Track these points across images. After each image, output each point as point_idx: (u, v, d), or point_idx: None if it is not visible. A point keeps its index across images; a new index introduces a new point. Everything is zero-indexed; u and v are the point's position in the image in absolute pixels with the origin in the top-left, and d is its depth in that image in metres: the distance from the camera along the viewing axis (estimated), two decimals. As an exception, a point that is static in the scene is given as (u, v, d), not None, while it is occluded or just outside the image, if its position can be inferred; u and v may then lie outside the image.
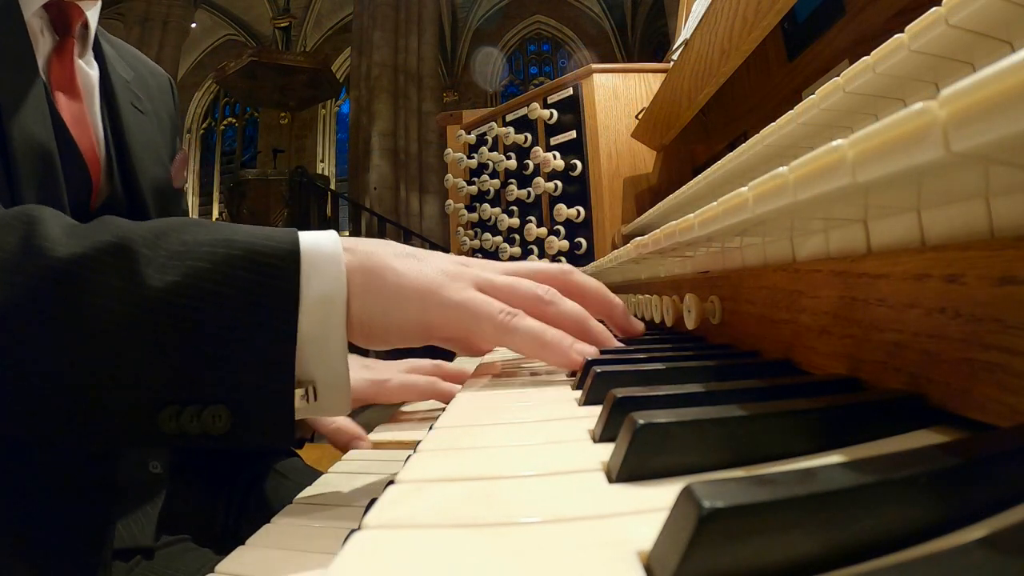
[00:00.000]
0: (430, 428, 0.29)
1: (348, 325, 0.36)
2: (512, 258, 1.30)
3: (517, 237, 1.30)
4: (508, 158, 1.31)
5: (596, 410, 0.26)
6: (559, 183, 1.21)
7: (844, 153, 0.19)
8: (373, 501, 0.19)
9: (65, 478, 0.45)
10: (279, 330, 0.33)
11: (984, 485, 0.14)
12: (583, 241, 1.17)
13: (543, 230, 1.23)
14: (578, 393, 0.34)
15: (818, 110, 0.40)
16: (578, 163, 1.18)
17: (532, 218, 1.27)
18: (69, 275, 0.32)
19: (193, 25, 9.50)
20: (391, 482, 0.21)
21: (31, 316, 0.32)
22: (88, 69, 0.58)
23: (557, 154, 1.20)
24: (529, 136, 1.29)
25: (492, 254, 1.36)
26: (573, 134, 1.20)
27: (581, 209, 1.17)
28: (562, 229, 1.21)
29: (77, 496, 0.45)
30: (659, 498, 0.17)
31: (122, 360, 0.32)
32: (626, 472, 0.19)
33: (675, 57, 1.03)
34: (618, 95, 1.19)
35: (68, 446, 0.46)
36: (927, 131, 0.15)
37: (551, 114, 1.22)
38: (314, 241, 0.36)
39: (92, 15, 0.59)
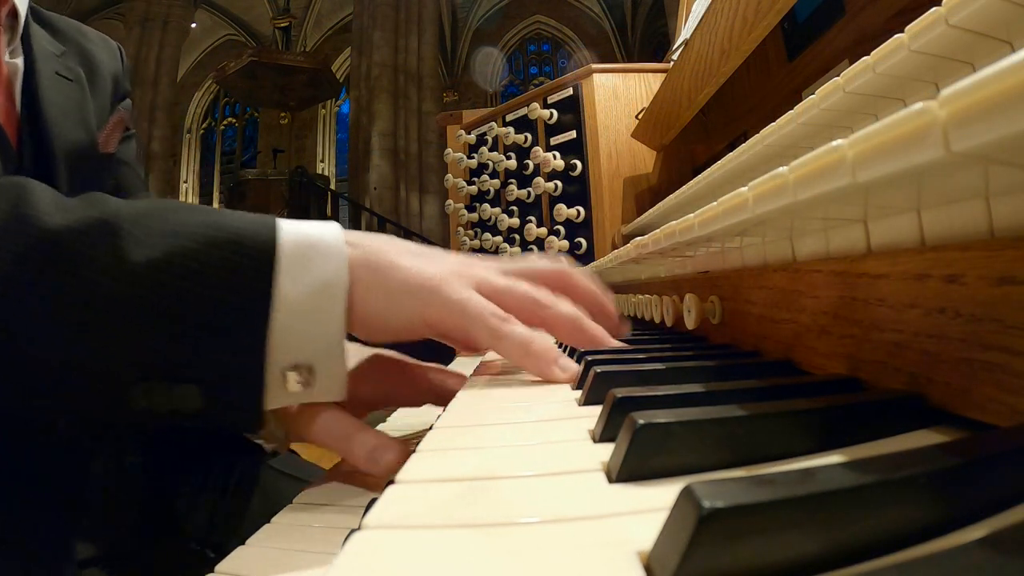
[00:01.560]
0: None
1: (350, 317, 0.37)
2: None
3: (517, 237, 1.30)
4: (508, 158, 1.31)
5: (596, 410, 0.26)
6: (559, 183, 1.21)
7: (844, 153, 0.19)
8: (373, 501, 0.19)
9: (33, 477, 0.44)
10: (253, 312, 0.33)
11: (984, 485, 0.14)
12: (583, 241, 1.17)
13: (543, 230, 1.23)
14: (578, 393, 0.34)
15: (818, 110, 0.40)
16: (578, 163, 1.18)
17: (532, 218, 1.27)
18: (58, 247, 0.33)
19: (193, 25, 9.50)
20: (391, 482, 0.21)
21: (19, 284, 0.32)
22: (15, 60, 0.56)
23: (557, 154, 1.20)
24: (529, 136, 1.29)
25: (492, 254, 1.36)
26: (573, 134, 1.20)
27: (581, 209, 1.17)
28: (562, 229, 1.20)
29: (45, 497, 0.45)
30: (659, 498, 0.17)
31: (103, 334, 0.33)
32: (626, 472, 0.19)
33: (675, 57, 1.03)
34: (618, 95, 1.19)
35: (44, 414, 0.46)
36: (927, 131, 0.15)
37: (551, 114, 1.22)
38: (315, 229, 0.36)
39: (20, 1, 0.57)
